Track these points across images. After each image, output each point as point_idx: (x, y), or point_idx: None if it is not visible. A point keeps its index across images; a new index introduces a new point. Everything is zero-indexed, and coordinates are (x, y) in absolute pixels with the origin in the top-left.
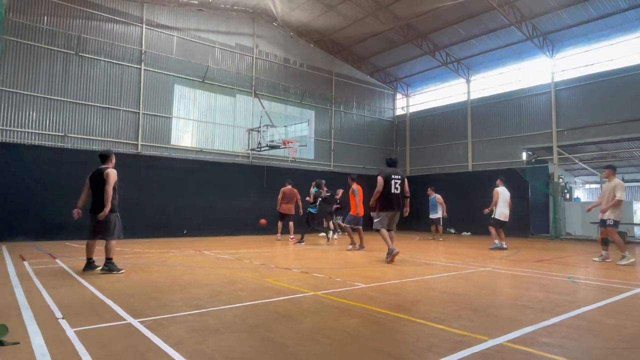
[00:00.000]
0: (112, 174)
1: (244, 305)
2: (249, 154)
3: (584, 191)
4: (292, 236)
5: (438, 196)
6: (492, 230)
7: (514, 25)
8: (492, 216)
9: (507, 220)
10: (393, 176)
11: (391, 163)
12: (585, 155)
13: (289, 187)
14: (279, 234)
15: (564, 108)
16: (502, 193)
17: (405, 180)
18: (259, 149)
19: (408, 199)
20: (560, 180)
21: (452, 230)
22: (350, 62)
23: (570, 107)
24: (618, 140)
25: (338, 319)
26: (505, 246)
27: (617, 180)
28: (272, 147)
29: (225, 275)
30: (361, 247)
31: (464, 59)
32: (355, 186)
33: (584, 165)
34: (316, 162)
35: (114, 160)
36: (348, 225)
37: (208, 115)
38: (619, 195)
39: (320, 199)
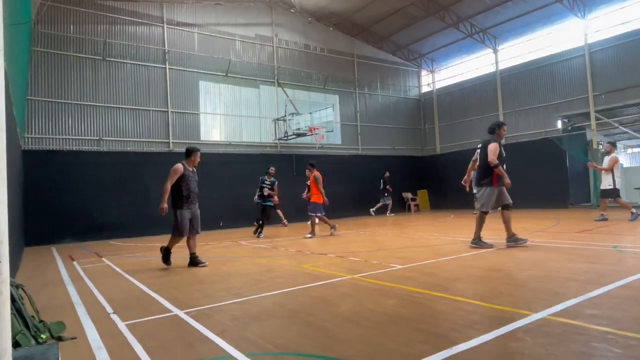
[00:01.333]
0: (172, 169)
1: (283, 292)
2: (276, 143)
3: (625, 156)
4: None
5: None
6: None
7: None
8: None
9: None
10: (478, 147)
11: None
12: (626, 119)
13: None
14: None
15: (600, 71)
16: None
17: (489, 146)
18: (286, 138)
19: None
20: (600, 146)
21: None
22: (371, 42)
23: (607, 69)
24: None
25: (376, 301)
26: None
27: None
28: (299, 135)
29: (263, 264)
30: (332, 227)
31: (489, 28)
32: (316, 173)
33: (624, 129)
34: (344, 147)
35: (193, 158)
36: (318, 214)
37: (234, 108)
38: None
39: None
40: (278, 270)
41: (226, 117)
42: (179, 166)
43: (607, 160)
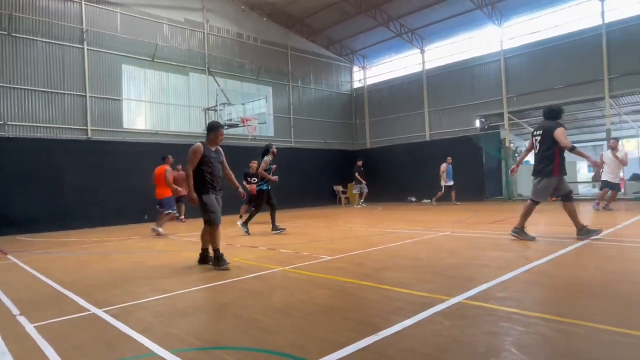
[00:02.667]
0: (191, 150)
1: (213, 286)
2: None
3: (532, 154)
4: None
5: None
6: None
7: None
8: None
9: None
10: (535, 132)
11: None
12: (533, 120)
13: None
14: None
15: (513, 75)
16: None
17: (556, 132)
18: None
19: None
20: (511, 144)
21: (413, 199)
22: (305, 35)
23: (519, 73)
24: (563, 104)
25: (307, 291)
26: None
27: None
28: (231, 126)
29: (192, 258)
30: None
31: (417, 29)
32: (167, 167)
33: (532, 129)
34: (277, 139)
35: (213, 135)
36: (168, 211)
37: (161, 95)
38: None
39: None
40: (207, 264)
41: (152, 105)
42: (199, 146)
43: (621, 156)
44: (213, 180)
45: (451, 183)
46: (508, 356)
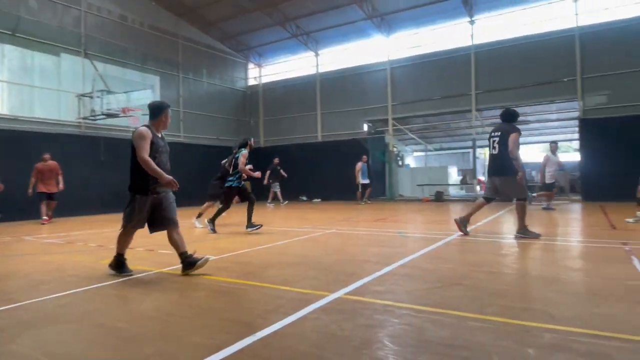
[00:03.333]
0: (138, 135)
1: (73, 293)
2: (80, 123)
3: (413, 158)
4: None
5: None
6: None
7: (356, 4)
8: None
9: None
10: (492, 134)
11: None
12: (414, 127)
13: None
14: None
15: (398, 84)
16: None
17: (510, 137)
18: (93, 118)
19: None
20: (394, 149)
21: (304, 198)
22: (197, 25)
23: (403, 83)
24: (440, 114)
25: (184, 294)
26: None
27: None
28: (110, 116)
29: (52, 262)
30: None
31: (313, 32)
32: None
33: (412, 136)
34: (164, 133)
35: (164, 117)
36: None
37: (24, 76)
38: None
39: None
40: (71, 269)
41: (11, 86)
42: (146, 130)
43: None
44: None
45: (367, 181)
46: (381, 347)
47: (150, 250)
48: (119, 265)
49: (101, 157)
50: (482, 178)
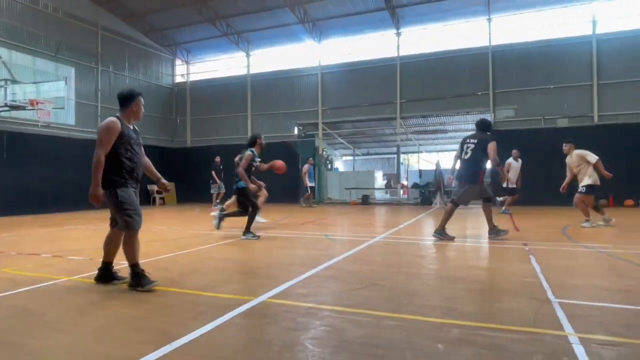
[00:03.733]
0: (104, 128)
1: None
2: None
3: (341, 162)
4: None
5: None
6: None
7: (289, 8)
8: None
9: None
10: (468, 140)
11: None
12: (343, 132)
13: None
14: None
15: (328, 89)
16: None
17: (489, 145)
18: None
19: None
20: (324, 152)
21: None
22: (120, 15)
23: (333, 89)
24: (367, 120)
25: (96, 303)
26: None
27: (578, 150)
28: (14, 108)
29: None
30: None
31: (244, 32)
32: None
33: (342, 140)
34: (79, 129)
35: (135, 107)
36: None
37: None
38: (591, 158)
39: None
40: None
41: None
42: (115, 122)
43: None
44: (133, 169)
45: (312, 184)
46: (303, 350)
47: (58, 256)
48: (140, 276)
49: (3, 154)
50: (405, 183)
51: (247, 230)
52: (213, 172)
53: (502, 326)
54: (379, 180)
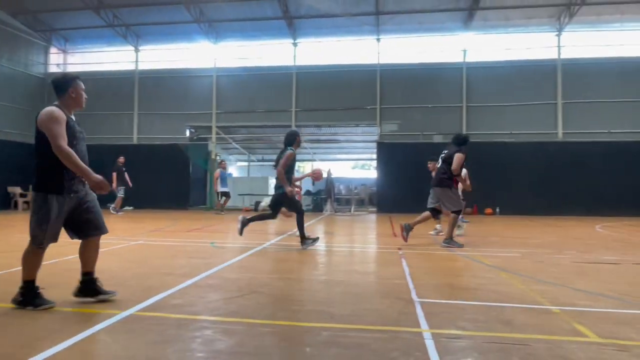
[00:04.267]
0: (49, 116)
1: None
2: None
3: (236, 168)
4: None
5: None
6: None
7: (184, 5)
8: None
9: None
10: (443, 152)
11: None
12: (238, 137)
13: None
14: None
15: (223, 93)
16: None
17: (454, 156)
18: None
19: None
20: (217, 157)
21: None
22: None
23: (228, 92)
24: (263, 127)
25: None
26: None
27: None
28: None
29: None
30: None
31: (133, 25)
32: None
33: (236, 145)
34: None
35: (74, 94)
36: None
37: None
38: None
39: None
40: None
41: None
42: (58, 111)
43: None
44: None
45: (226, 189)
46: None
47: None
48: (32, 295)
49: None
50: (298, 190)
51: (304, 238)
52: (115, 174)
53: (367, 326)
54: (273, 187)
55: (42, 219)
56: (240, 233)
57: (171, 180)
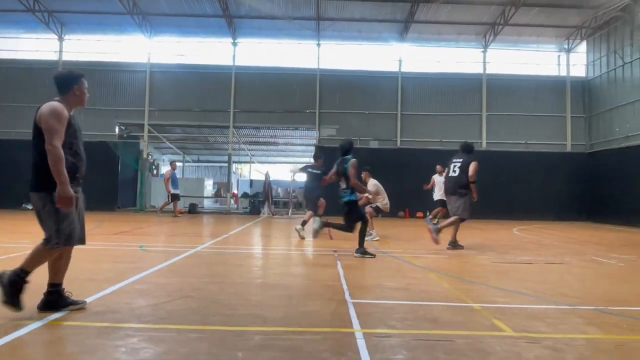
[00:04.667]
0: (52, 112)
1: None
2: None
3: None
4: None
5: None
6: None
7: None
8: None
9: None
10: (454, 160)
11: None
12: (172, 136)
13: None
14: None
15: (157, 89)
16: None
17: (470, 165)
18: None
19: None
20: (149, 157)
21: (29, 207)
22: None
23: (163, 89)
24: (199, 126)
25: None
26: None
27: (373, 180)
28: None
29: None
30: None
31: (56, 12)
32: None
33: (170, 145)
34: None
35: (78, 90)
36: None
37: None
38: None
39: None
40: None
41: None
42: (62, 107)
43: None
44: (79, 166)
45: (177, 191)
46: None
47: None
48: (61, 297)
49: None
50: (236, 192)
51: (362, 246)
52: None
53: (300, 328)
54: (209, 188)
55: (62, 218)
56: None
57: (98, 180)
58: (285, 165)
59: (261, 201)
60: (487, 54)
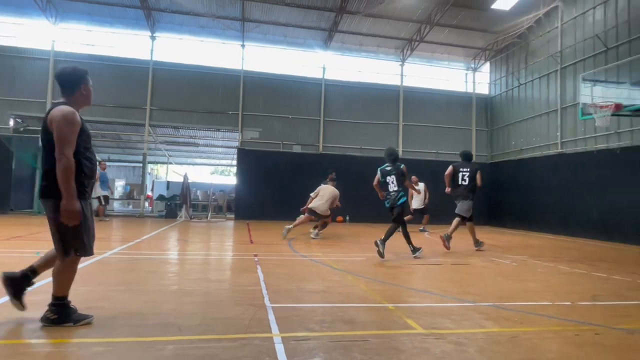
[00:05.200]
0: (64, 118)
1: None
2: None
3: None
4: None
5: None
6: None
7: None
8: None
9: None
10: (461, 169)
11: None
12: None
13: None
14: None
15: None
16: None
17: (477, 173)
18: None
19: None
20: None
21: None
22: None
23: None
24: (111, 123)
25: None
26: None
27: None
28: None
29: None
30: None
31: None
32: None
33: None
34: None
35: (84, 90)
36: None
37: None
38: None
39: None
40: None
41: None
42: (75, 113)
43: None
44: (92, 173)
45: (107, 193)
46: None
47: None
48: (68, 312)
49: None
50: (150, 194)
51: (413, 246)
52: None
53: (217, 336)
54: (120, 189)
55: (80, 227)
56: (382, 255)
57: None
58: (206, 168)
59: (179, 204)
60: (405, 68)
